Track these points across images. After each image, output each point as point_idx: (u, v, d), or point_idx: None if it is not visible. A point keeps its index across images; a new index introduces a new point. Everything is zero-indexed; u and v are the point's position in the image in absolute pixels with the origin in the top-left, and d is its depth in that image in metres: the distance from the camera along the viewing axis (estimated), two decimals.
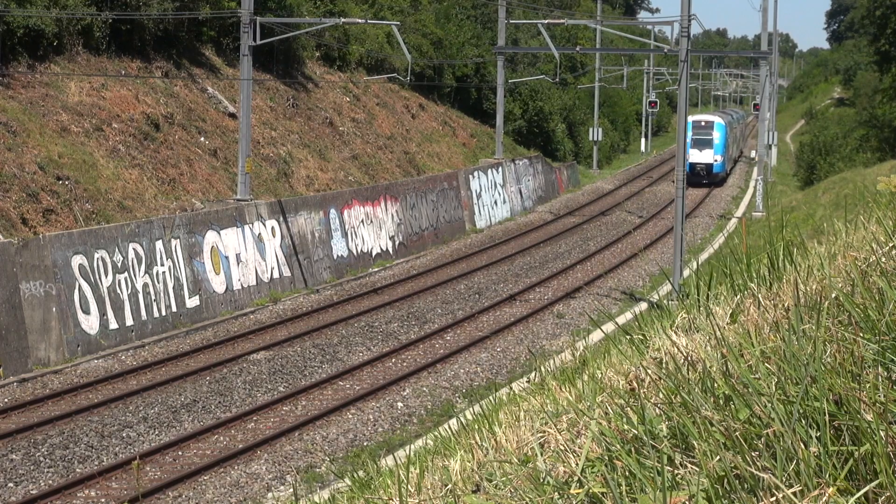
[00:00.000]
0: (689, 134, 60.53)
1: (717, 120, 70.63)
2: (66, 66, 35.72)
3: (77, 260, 25.44)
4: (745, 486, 2.80)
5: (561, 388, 4.85)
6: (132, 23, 38.58)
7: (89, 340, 25.47)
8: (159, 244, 28.30)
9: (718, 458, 2.88)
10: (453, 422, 6.12)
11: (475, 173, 51.07)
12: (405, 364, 26.39)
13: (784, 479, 2.77)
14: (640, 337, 5.03)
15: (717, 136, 69.64)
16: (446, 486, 3.91)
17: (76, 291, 25.28)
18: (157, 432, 20.74)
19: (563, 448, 3.57)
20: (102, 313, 25.99)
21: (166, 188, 34.57)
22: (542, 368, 6.13)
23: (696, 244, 44.56)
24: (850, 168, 62.28)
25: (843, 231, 6.00)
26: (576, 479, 3.18)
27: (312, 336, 28.63)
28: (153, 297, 27.79)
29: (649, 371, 3.95)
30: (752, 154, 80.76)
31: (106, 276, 26.27)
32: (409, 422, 22.07)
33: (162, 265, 28.28)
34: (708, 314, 4.78)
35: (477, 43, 66.33)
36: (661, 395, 3.51)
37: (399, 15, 57.02)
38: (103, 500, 17.53)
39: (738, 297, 4.85)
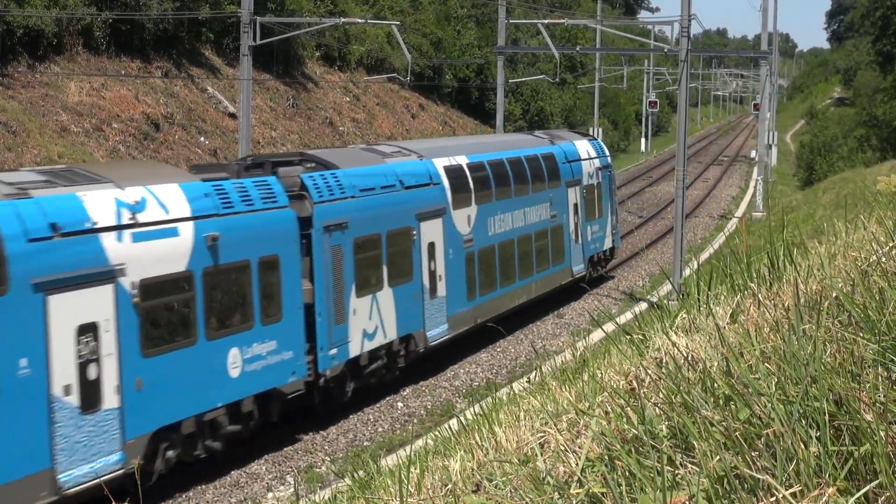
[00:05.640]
0: None
1: None
2: (66, 66, 35.72)
3: None
4: (745, 486, 2.80)
5: (561, 388, 4.85)
6: (132, 23, 38.58)
7: None
8: None
9: (718, 458, 2.88)
10: (453, 422, 6.12)
11: None
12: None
13: (784, 480, 2.77)
14: (640, 337, 5.04)
15: None
16: (446, 486, 3.91)
17: None
18: None
19: (563, 448, 3.57)
20: None
21: None
22: (543, 368, 6.13)
23: (697, 244, 44.54)
24: (850, 168, 62.32)
25: (843, 231, 6.01)
26: (576, 479, 3.18)
27: None
28: None
29: (649, 371, 3.95)
30: (752, 154, 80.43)
31: None
32: (409, 422, 22.05)
33: None
34: (708, 314, 4.78)
35: (479, 45, 66.39)
36: (661, 395, 3.50)
37: (399, 15, 57.04)
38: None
39: (738, 297, 4.86)
